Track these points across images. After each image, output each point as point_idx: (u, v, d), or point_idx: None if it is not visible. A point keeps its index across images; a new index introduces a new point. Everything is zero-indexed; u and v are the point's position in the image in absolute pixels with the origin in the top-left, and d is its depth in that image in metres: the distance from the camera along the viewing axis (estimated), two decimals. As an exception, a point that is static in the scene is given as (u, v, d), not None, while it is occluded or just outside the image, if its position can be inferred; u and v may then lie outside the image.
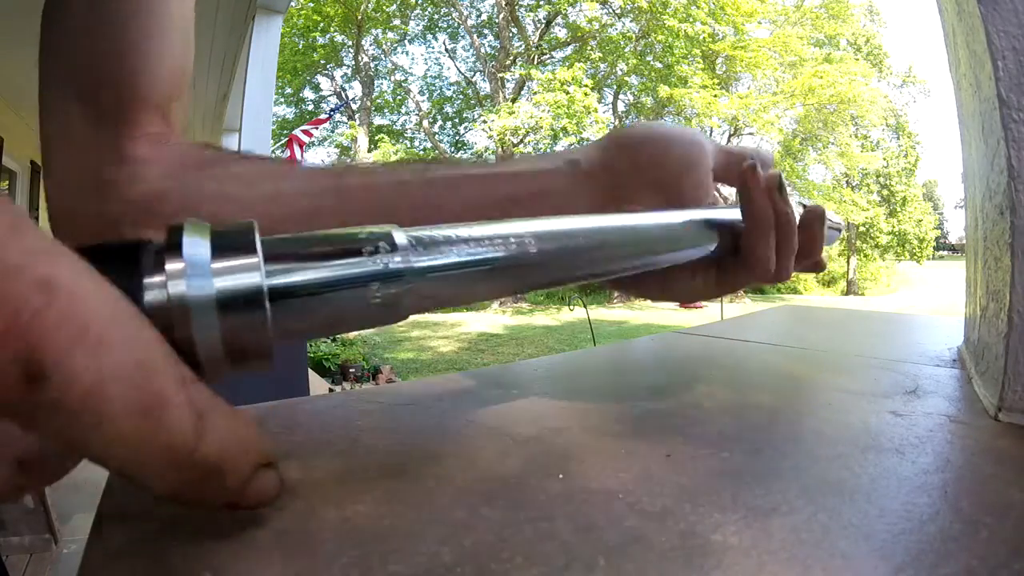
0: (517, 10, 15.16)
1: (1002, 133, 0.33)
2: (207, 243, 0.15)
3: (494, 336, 9.75)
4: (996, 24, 0.33)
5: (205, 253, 0.15)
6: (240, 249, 0.16)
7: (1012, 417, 0.34)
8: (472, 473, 0.27)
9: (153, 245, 0.15)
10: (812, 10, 17.36)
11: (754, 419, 0.35)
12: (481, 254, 0.20)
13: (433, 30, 16.58)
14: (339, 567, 0.20)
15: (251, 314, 0.15)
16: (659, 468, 0.28)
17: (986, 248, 0.39)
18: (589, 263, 0.26)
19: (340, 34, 15.40)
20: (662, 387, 0.43)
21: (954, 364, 0.48)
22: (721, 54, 15.41)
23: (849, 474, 0.27)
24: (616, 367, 0.54)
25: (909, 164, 20.56)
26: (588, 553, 0.20)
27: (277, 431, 0.33)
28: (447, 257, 0.19)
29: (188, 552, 0.20)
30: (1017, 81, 0.33)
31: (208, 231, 0.16)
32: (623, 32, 14.91)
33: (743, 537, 0.21)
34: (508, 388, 0.42)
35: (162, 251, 0.15)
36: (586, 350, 0.64)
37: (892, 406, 0.37)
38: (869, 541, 0.21)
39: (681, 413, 0.36)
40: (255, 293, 0.15)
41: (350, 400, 0.39)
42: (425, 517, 0.23)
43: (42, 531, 1.93)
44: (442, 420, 0.35)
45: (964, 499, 0.25)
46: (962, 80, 0.43)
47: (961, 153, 0.48)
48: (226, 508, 0.18)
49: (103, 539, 0.21)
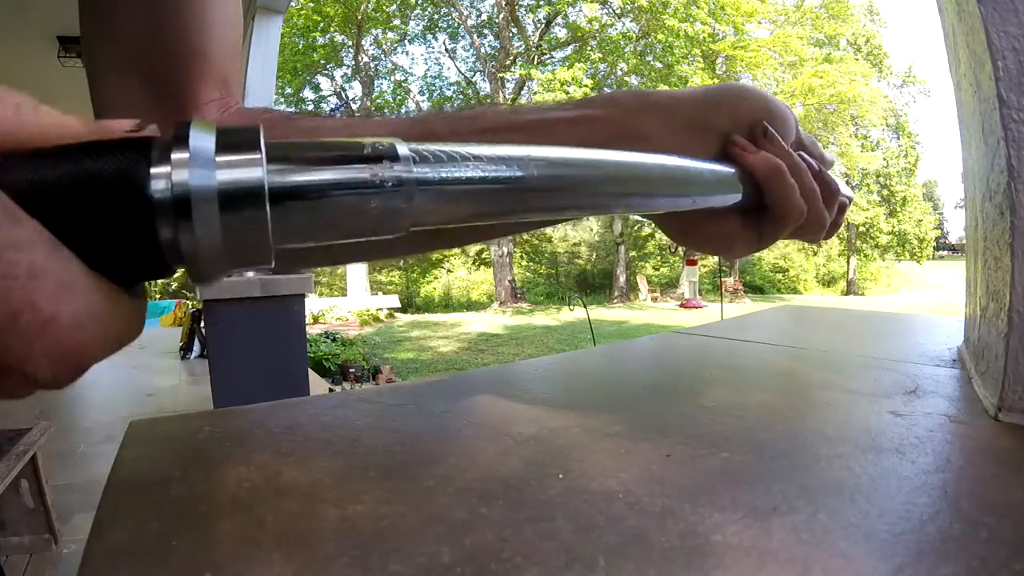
0: (517, 10, 15.17)
1: (1002, 133, 0.33)
2: (212, 138, 0.16)
3: (494, 336, 9.75)
4: (996, 24, 0.33)
5: (210, 147, 0.16)
6: (245, 146, 0.16)
7: (1012, 417, 0.34)
8: (472, 473, 0.27)
9: (162, 140, 0.16)
10: (812, 10, 17.37)
11: (754, 419, 0.35)
12: (481, 171, 0.20)
13: (433, 30, 16.59)
14: (339, 567, 0.20)
15: (252, 208, 0.16)
16: (659, 468, 0.28)
17: (986, 248, 0.39)
18: (589, 194, 0.26)
19: (340, 34, 15.40)
20: (662, 387, 0.43)
21: (954, 364, 0.48)
22: (721, 54, 15.41)
23: (849, 474, 0.27)
24: (616, 367, 0.54)
25: (909, 164, 20.56)
26: (588, 553, 0.20)
27: (277, 431, 0.33)
28: (448, 172, 0.19)
29: (188, 552, 0.21)
30: (1017, 81, 0.33)
31: (214, 129, 0.16)
32: (623, 32, 14.91)
33: (743, 537, 0.21)
34: (508, 388, 0.42)
35: (168, 144, 0.15)
36: (586, 350, 0.64)
37: (892, 406, 0.37)
38: (869, 541, 0.21)
39: (681, 413, 0.36)
40: (256, 187, 0.16)
41: (350, 400, 0.39)
42: (425, 517, 0.23)
43: (42, 531, 1.93)
44: (442, 420, 0.35)
45: (964, 499, 0.25)
46: (962, 80, 0.43)
47: (961, 153, 0.48)
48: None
49: (103, 539, 0.21)
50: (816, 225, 0.35)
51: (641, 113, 0.33)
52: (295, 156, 0.17)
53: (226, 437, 0.32)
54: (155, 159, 0.15)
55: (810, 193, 0.34)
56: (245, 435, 0.33)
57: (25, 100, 0.15)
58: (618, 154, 0.27)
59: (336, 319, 10.53)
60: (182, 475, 0.27)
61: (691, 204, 0.31)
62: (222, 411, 0.37)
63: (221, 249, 0.16)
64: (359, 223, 0.18)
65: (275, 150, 0.17)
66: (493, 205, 0.22)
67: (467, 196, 0.20)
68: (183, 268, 0.16)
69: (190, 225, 0.15)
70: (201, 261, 0.16)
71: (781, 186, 0.33)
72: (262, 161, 0.16)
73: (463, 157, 0.20)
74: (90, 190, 0.15)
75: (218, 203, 0.15)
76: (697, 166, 0.31)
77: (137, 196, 0.15)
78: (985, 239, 0.39)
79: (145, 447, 0.31)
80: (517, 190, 0.22)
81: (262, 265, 0.17)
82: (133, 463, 0.29)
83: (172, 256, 0.16)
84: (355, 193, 0.18)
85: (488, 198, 0.21)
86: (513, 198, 0.22)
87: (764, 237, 0.36)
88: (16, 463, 1.72)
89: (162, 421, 0.35)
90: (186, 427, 0.34)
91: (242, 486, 0.26)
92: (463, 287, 18.33)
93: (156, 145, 0.16)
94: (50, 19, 3.08)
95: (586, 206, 0.26)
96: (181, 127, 0.16)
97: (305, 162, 0.17)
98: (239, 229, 0.16)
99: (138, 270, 0.16)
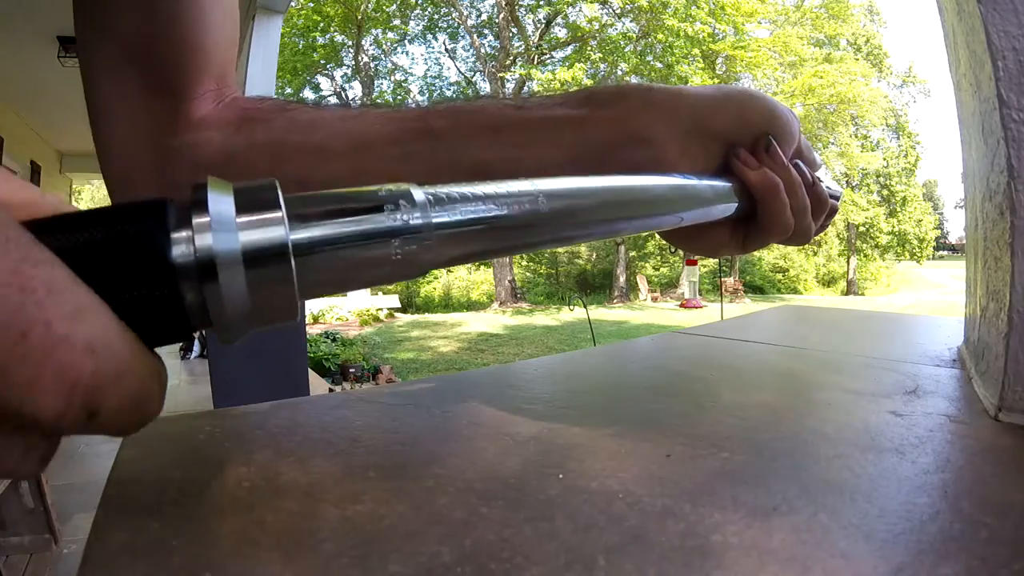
0: (517, 10, 15.16)
1: (1002, 133, 0.33)
2: (231, 199, 0.16)
3: (494, 336, 9.75)
4: (996, 24, 0.33)
5: (230, 209, 0.16)
6: (264, 205, 0.16)
7: (1012, 417, 0.34)
8: (472, 473, 0.27)
9: (178, 202, 0.16)
10: (812, 10, 17.36)
11: (754, 419, 0.35)
12: (495, 210, 0.21)
13: (433, 30, 16.58)
14: (339, 567, 0.20)
15: (277, 268, 0.16)
16: (659, 468, 0.28)
17: (986, 248, 0.39)
18: (598, 221, 0.26)
19: (340, 34, 15.40)
20: (662, 387, 0.43)
21: (954, 364, 0.48)
22: (721, 54, 15.41)
23: (849, 474, 0.27)
24: (616, 367, 0.54)
25: (909, 164, 20.56)
26: (588, 553, 0.20)
27: (277, 431, 0.33)
28: (463, 213, 0.20)
29: (188, 552, 0.21)
30: (1017, 81, 0.33)
31: (231, 189, 0.16)
32: (623, 32, 14.91)
33: (743, 537, 0.21)
34: (508, 388, 0.42)
35: (187, 208, 0.15)
36: (586, 350, 0.64)
37: (892, 406, 0.37)
38: (869, 541, 0.21)
39: (681, 413, 0.36)
40: (280, 247, 0.16)
41: (350, 400, 0.39)
42: (425, 517, 0.23)
43: (42, 531, 1.93)
44: (442, 420, 0.35)
45: (964, 499, 0.24)
46: (962, 80, 0.43)
47: (961, 153, 0.48)
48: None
49: (103, 539, 0.21)
50: (800, 237, 0.36)
51: (645, 113, 0.33)
52: (314, 211, 0.17)
53: (226, 437, 0.32)
54: (173, 223, 0.15)
55: (801, 211, 0.35)
56: (245, 435, 0.33)
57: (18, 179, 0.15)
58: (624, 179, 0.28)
59: (336, 319, 10.53)
60: (182, 475, 0.27)
61: (693, 219, 0.32)
62: (222, 411, 0.37)
63: (249, 309, 0.16)
64: (380, 270, 0.18)
65: (294, 206, 0.17)
66: (506, 240, 0.22)
67: (482, 234, 0.21)
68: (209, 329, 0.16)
69: (216, 288, 0.15)
70: (228, 323, 0.16)
71: (774, 203, 0.34)
72: (284, 219, 0.16)
73: (475, 197, 0.20)
74: (115, 256, 0.14)
75: (243, 264, 0.15)
76: (697, 184, 0.32)
77: (161, 262, 0.15)
78: (985, 239, 0.39)
79: (145, 447, 0.31)
80: (530, 224, 0.22)
81: (288, 320, 0.17)
82: (133, 463, 0.29)
83: (198, 319, 0.15)
84: (376, 243, 0.18)
85: (501, 234, 0.22)
86: (526, 232, 0.23)
87: (748, 245, 0.37)
88: (16, 463, 1.72)
89: (162, 421, 0.35)
90: (186, 427, 0.34)
91: (242, 486, 0.26)
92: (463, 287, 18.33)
93: (172, 208, 0.15)
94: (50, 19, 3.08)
95: (597, 232, 0.27)
96: (198, 190, 0.16)
97: (326, 216, 0.17)
98: (266, 288, 0.16)
99: (163, 333, 0.16)
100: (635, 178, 0.29)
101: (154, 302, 0.15)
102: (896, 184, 20.08)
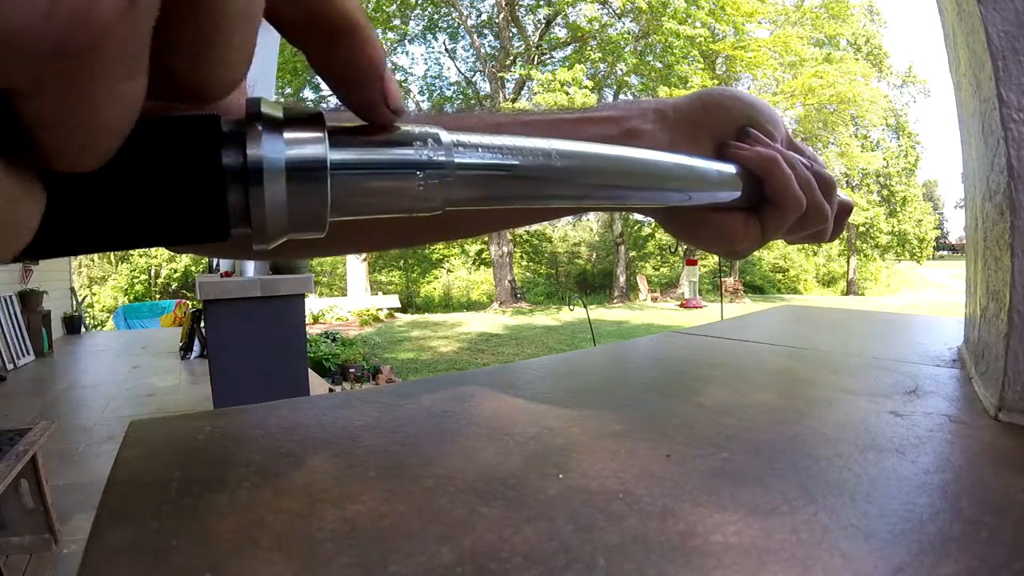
0: (517, 10, 15.16)
1: (1002, 133, 0.33)
2: (281, 116, 0.18)
3: (494, 336, 9.75)
4: (996, 24, 0.33)
5: (279, 124, 0.18)
6: (310, 125, 0.18)
7: (1012, 417, 0.34)
8: (472, 473, 0.27)
9: (231, 118, 0.18)
10: (812, 10, 17.35)
11: (754, 419, 0.35)
12: (511, 160, 0.24)
13: (433, 30, 16.57)
14: (339, 567, 0.20)
15: (314, 181, 0.18)
16: (659, 468, 0.28)
17: (986, 248, 0.39)
18: (608, 187, 0.29)
19: (340, 34, 15.34)
20: (662, 387, 0.43)
21: (954, 364, 0.48)
22: (721, 54, 15.41)
23: (849, 474, 0.27)
24: (616, 367, 0.54)
25: (909, 164, 20.55)
26: (588, 553, 0.20)
27: (277, 431, 0.33)
28: (483, 158, 0.23)
29: (188, 552, 0.21)
30: (1017, 81, 0.33)
31: (281, 108, 0.18)
32: (623, 32, 14.90)
33: (743, 537, 0.21)
34: (508, 388, 0.42)
35: (241, 120, 0.17)
36: (586, 350, 0.64)
37: (892, 406, 0.37)
38: (869, 541, 0.21)
39: (681, 413, 0.36)
40: (319, 162, 0.18)
41: (350, 400, 0.39)
42: (425, 517, 0.23)
43: (42, 531, 1.93)
44: (442, 420, 0.35)
45: (964, 499, 0.25)
46: (962, 80, 0.43)
47: (961, 153, 0.48)
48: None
49: (103, 539, 0.21)
50: (818, 216, 0.36)
51: (636, 113, 0.36)
52: (353, 139, 0.20)
53: (226, 437, 0.32)
54: (229, 133, 0.17)
55: (806, 183, 0.35)
56: (245, 435, 0.33)
57: None
58: (636, 151, 0.30)
59: (336, 319, 10.53)
60: (182, 475, 0.27)
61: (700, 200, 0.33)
62: (222, 411, 0.37)
63: (286, 216, 0.18)
64: (404, 199, 0.21)
65: (336, 132, 0.19)
66: (520, 189, 0.25)
67: (496, 180, 0.23)
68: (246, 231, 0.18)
69: (260, 192, 0.17)
70: (265, 225, 0.18)
71: (778, 175, 0.34)
72: (325, 139, 0.18)
73: (496, 146, 0.23)
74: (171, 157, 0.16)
75: (286, 174, 0.17)
76: (705, 165, 0.33)
77: (214, 164, 0.16)
78: (985, 239, 0.39)
79: (145, 447, 0.31)
80: (543, 178, 0.25)
81: (316, 233, 0.19)
82: (133, 463, 0.29)
83: (237, 219, 0.17)
84: (403, 172, 0.20)
85: (515, 183, 0.24)
86: (539, 184, 0.25)
87: (768, 231, 0.36)
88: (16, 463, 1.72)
89: (162, 421, 0.35)
90: (186, 427, 0.34)
91: (242, 486, 0.26)
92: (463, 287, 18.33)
93: (226, 120, 0.17)
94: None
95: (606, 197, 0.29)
96: (251, 104, 0.18)
97: (362, 144, 0.20)
98: (302, 198, 0.18)
99: (206, 229, 0.17)
100: (646, 152, 0.30)
101: (203, 200, 0.16)
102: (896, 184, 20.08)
